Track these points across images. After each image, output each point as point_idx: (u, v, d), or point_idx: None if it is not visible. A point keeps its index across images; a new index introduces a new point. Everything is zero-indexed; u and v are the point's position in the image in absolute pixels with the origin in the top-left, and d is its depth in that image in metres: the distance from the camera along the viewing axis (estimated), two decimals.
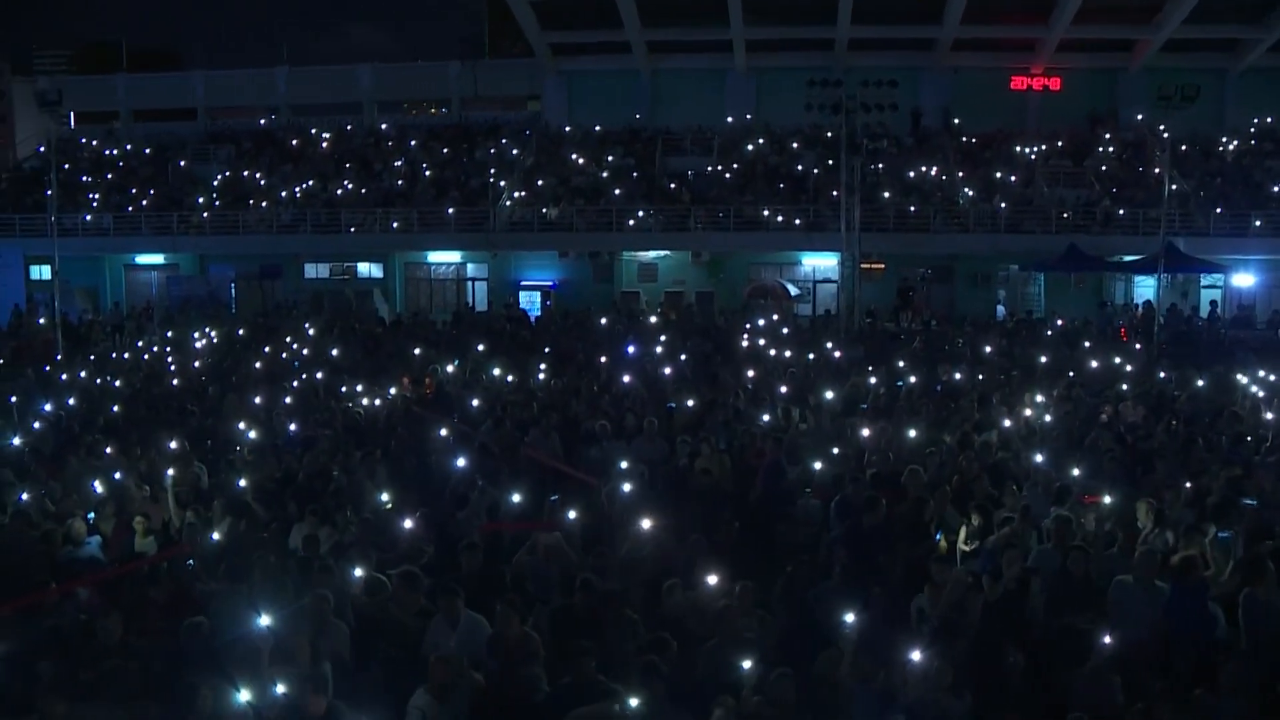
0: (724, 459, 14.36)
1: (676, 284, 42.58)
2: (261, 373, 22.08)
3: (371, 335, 28.83)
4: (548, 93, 50.64)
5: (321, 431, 16.07)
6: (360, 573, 9.79)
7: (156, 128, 53.76)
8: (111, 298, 45.32)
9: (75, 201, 45.73)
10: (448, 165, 46.82)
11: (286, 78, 53.51)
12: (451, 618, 8.84)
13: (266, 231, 43.25)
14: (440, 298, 44.17)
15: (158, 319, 35.53)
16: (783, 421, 16.61)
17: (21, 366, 24.83)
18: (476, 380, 20.77)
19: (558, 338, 27.79)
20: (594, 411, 17.24)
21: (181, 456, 14.12)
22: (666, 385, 19.78)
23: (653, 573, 10.13)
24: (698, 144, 46.75)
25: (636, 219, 41.55)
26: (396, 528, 11.29)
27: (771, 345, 25.01)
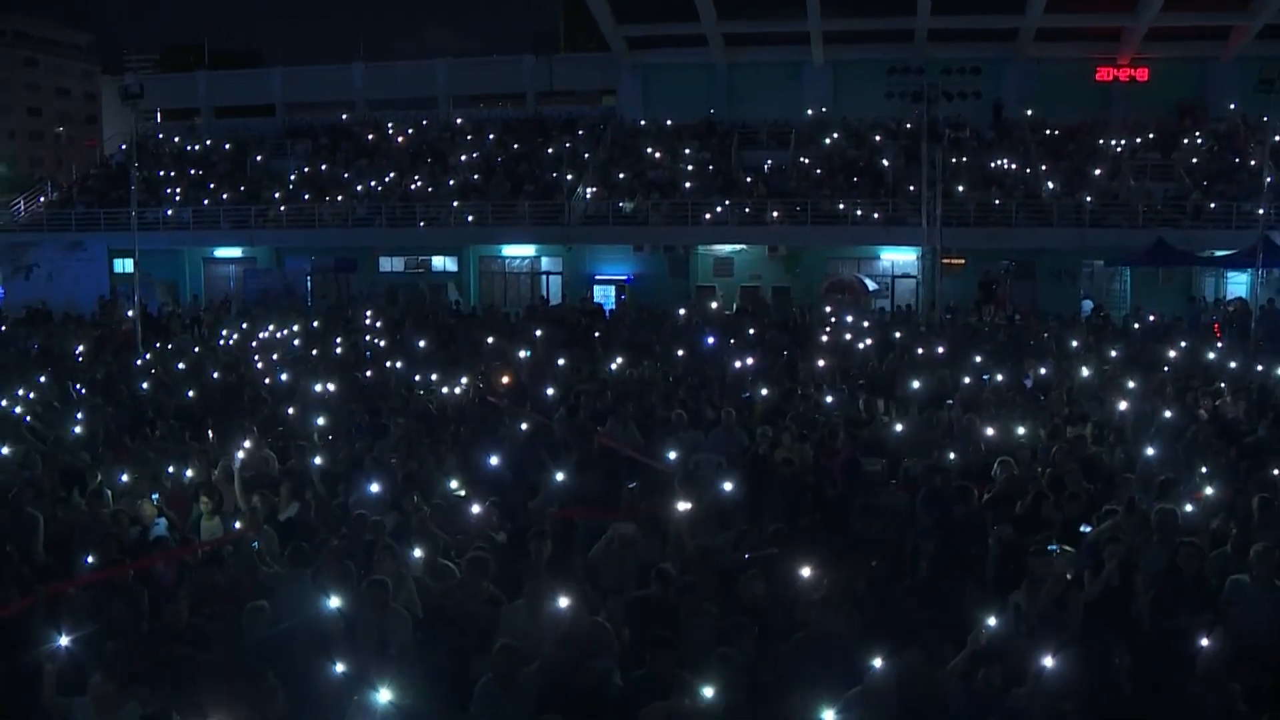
0: (804, 449, 13.92)
1: (752, 279, 42.04)
2: (334, 362, 22.02)
3: (445, 327, 28.72)
4: (623, 86, 50.36)
5: (393, 419, 15.87)
6: (423, 557, 9.49)
7: (236, 124, 54.55)
8: (190, 290, 45.95)
9: (157, 196, 46.50)
10: (522, 159, 46.74)
11: (363, 73, 53.85)
12: (531, 605, 8.52)
13: (342, 225, 43.53)
14: (514, 291, 44.03)
15: (235, 311, 35.79)
16: (864, 414, 16.11)
17: (103, 355, 25.14)
18: (550, 370, 20.51)
19: (633, 330, 27.45)
20: (670, 402, 16.89)
21: (251, 442, 13.99)
22: (744, 376, 19.36)
23: (731, 564, 9.72)
24: (774, 137, 46.21)
25: (712, 213, 41.08)
26: (466, 514, 11.01)
27: (850, 338, 24.47)
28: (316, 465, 13.01)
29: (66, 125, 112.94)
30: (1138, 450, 13.38)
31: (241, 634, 8.34)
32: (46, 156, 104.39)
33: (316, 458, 13.32)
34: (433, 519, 10.58)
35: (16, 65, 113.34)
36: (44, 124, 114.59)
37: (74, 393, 18.92)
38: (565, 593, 8.21)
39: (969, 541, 10.32)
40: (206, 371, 21.22)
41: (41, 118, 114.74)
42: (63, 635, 7.51)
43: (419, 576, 9.33)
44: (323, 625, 8.16)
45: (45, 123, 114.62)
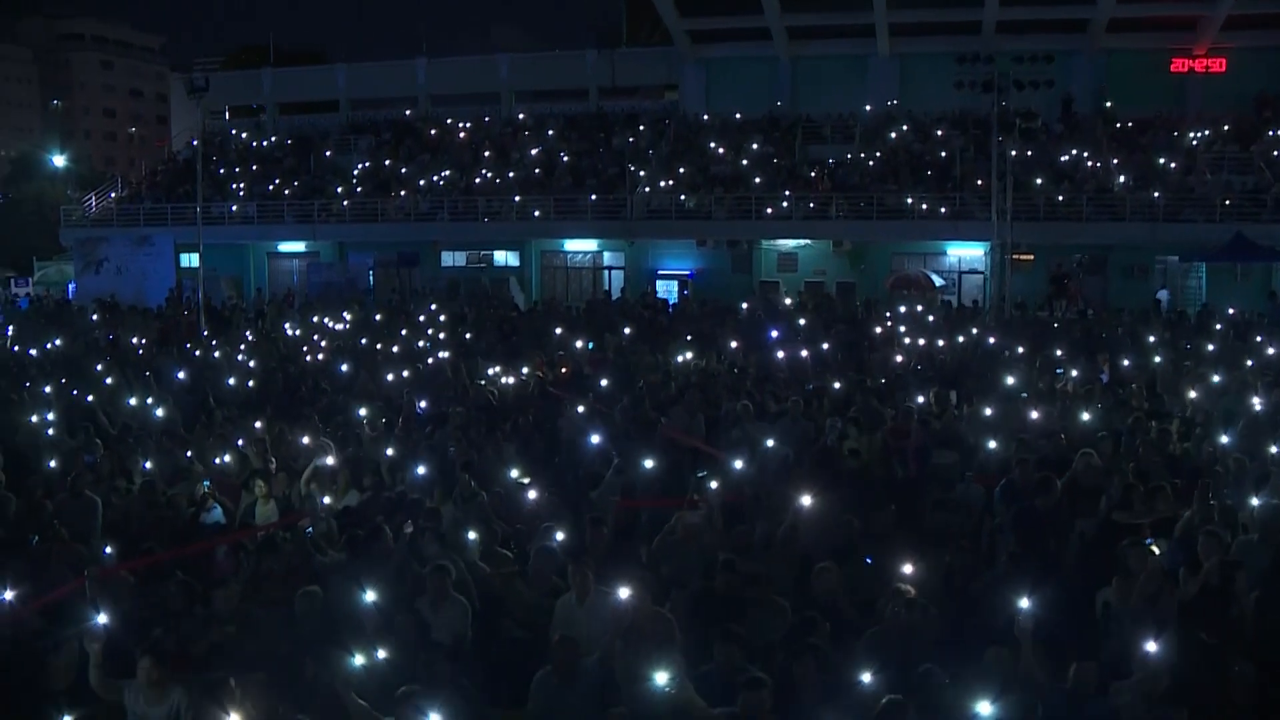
0: (873, 441, 13.49)
1: (817, 274, 41.52)
2: (395, 353, 21.90)
3: (506, 320, 28.56)
4: (686, 80, 49.97)
5: (453, 409, 15.65)
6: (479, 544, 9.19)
7: (301, 120, 54.94)
8: (255, 284, 46.33)
9: (223, 192, 46.94)
10: (585, 154, 46.54)
11: (426, 69, 53.97)
12: (581, 595, 8.19)
13: (405, 220, 43.62)
14: (576, 286, 43.85)
15: (298, 305, 35.94)
16: (936, 406, 15.60)
17: (167, 346, 25.27)
18: (612, 361, 20.22)
19: (696, 322, 27.10)
20: (734, 393, 16.53)
21: (309, 430, 13.83)
22: (809, 368, 18.95)
23: (802, 555, 9.33)
24: (839, 131, 45.62)
25: (776, 207, 40.59)
26: (525, 504, 10.73)
27: (919, 331, 23.95)
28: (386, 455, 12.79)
29: (138, 125, 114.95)
30: (1221, 444, 12.81)
31: (293, 621, 8.11)
32: (119, 156, 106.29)
33: (389, 449, 13.15)
34: (492, 507, 10.31)
35: (93, 68, 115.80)
36: (117, 125, 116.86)
37: (136, 381, 18.91)
38: (628, 583, 7.86)
39: (1051, 535, 9.85)
40: (267, 362, 21.21)
41: (115, 119, 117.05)
42: (101, 615, 7.30)
43: (476, 564, 9.04)
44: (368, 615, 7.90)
45: (119, 123, 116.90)
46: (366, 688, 6.88)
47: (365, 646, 7.10)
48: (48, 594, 8.47)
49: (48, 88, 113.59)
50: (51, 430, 14.65)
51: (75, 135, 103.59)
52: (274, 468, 12.37)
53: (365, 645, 7.13)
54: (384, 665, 7.12)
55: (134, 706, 7.06)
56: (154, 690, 6.97)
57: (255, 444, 13.46)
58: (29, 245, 59.25)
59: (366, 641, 7.23)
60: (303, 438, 13.60)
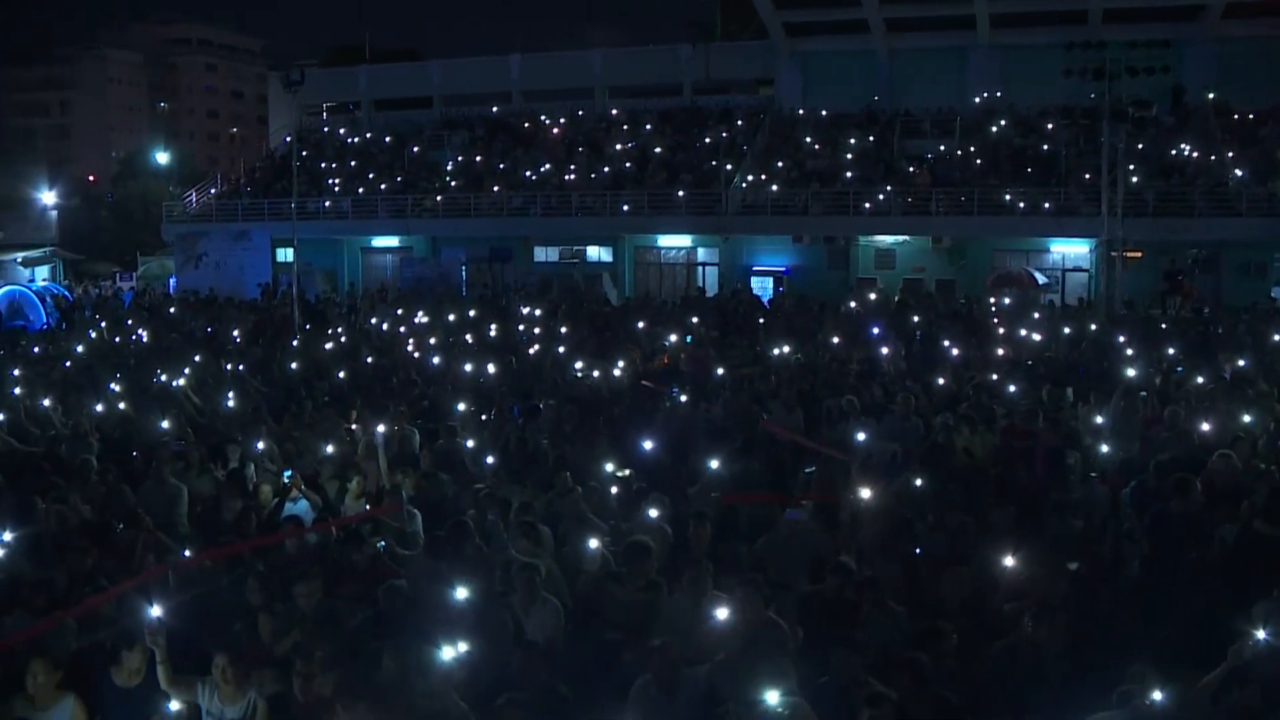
0: (986, 439, 12.77)
1: (915, 271, 40.50)
2: (487, 346, 21.63)
3: (600, 314, 28.20)
4: (781, 74, 49.18)
5: (546, 401, 15.26)
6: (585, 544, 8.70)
7: (395, 116, 55.22)
8: (348, 279, 46.63)
9: (319, 188, 47.37)
10: (679, 149, 46.03)
11: (519, 65, 53.88)
12: (695, 597, 7.63)
13: (497, 215, 43.54)
14: (670, 282, 43.32)
15: (390, 299, 35.99)
16: (1050, 404, 14.80)
17: (260, 339, 25.37)
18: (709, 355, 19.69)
19: (794, 316, 26.45)
20: (836, 388, 15.91)
21: (398, 421, 13.52)
22: (915, 363, 18.24)
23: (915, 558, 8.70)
24: (938, 125, 44.41)
25: (874, 203, 39.70)
26: (621, 499, 10.24)
27: (1025, 328, 23.04)
28: (468, 447, 12.42)
29: (239, 126, 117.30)
30: None
31: (378, 618, 7.70)
32: (221, 155, 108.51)
33: (469, 440, 12.77)
34: (587, 502, 9.83)
35: (198, 71, 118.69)
36: (219, 125, 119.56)
37: (229, 372, 18.86)
38: (739, 586, 7.30)
39: (1189, 542, 9.07)
40: (359, 354, 21.07)
41: (218, 119, 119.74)
42: (155, 608, 6.89)
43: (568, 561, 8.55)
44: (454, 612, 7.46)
45: (221, 124, 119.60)
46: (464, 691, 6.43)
47: (457, 646, 6.66)
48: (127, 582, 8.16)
49: (155, 90, 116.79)
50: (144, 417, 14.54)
51: (180, 136, 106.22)
52: (360, 457, 12.05)
53: (457, 645, 6.69)
54: (478, 667, 6.64)
55: (209, 706, 6.71)
56: (229, 689, 6.62)
57: (345, 435, 13.19)
58: (135, 241, 60.72)
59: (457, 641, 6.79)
60: (392, 429, 13.28)
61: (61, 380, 18.24)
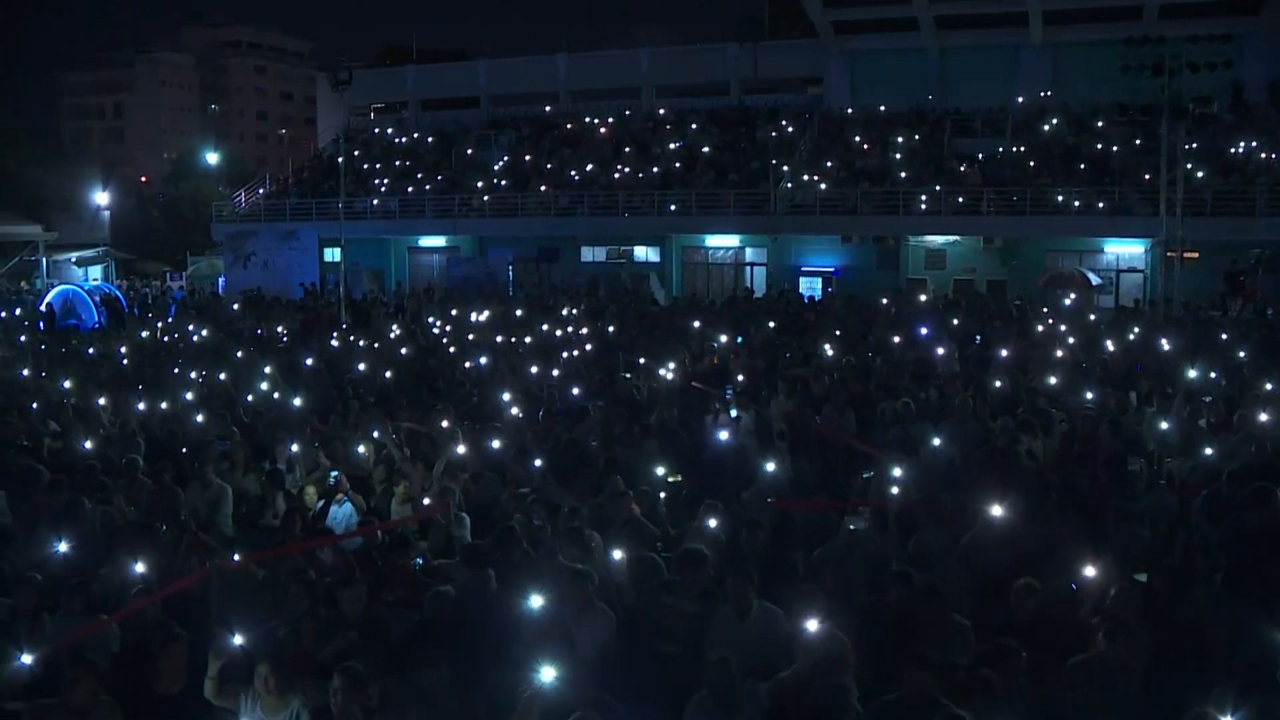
0: (1049, 444, 12.37)
1: (966, 272, 39.98)
2: (534, 346, 21.44)
3: (647, 314, 27.95)
4: (830, 73, 48.74)
5: (593, 403, 15.01)
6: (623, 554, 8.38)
7: (442, 116, 55.30)
8: (395, 278, 46.73)
9: (366, 187, 47.49)
10: (726, 148, 45.71)
11: (566, 64, 53.76)
12: (741, 608, 7.33)
13: (544, 215, 43.42)
14: (718, 283, 43.01)
15: (437, 299, 35.96)
16: (1114, 407, 14.37)
17: (306, 338, 25.33)
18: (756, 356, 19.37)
19: (843, 316, 26.05)
20: (889, 391, 15.54)
21: (445, 422, 13.31)
22: (970, 365, 17.83)
23: (986, 568, 8.34)
24: (989, 124, 43.81)
25: (924, 202, 39.19)
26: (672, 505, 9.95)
27: (1081, 329, 22.54)
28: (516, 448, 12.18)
29: (288, 127, 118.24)
30: None
31: (424, 626, 7.48)
32: (270, 156, 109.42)
33: (518, 442, 12.51)
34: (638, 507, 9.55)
35: (248, 73, 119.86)
36: (269, 127, 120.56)
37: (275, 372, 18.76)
38: (799, 598, 6.99)
39: (1270, 555, 8.65)
40: (404, 354, 20.94)
41: (267, 121, 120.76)
42: (237, 637, 6.72)
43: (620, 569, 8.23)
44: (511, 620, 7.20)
45: (270, 126, 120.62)
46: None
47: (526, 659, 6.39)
48: (170, 585, 7.99)
49: (206, 93, 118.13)
50: (189, 417, 14.44)
51: (230, 137, 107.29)
52: (404, 460, 11.84)
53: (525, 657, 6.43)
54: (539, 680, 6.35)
55: (250, 716, 6.50)
56: (272, 699, 6.42)
57: (390, 437, 12.98)
58: (185, 241, 61.28)
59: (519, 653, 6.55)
60: (438, 430, 13.10)
61: (111, 379, 18.24)
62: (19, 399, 16.35)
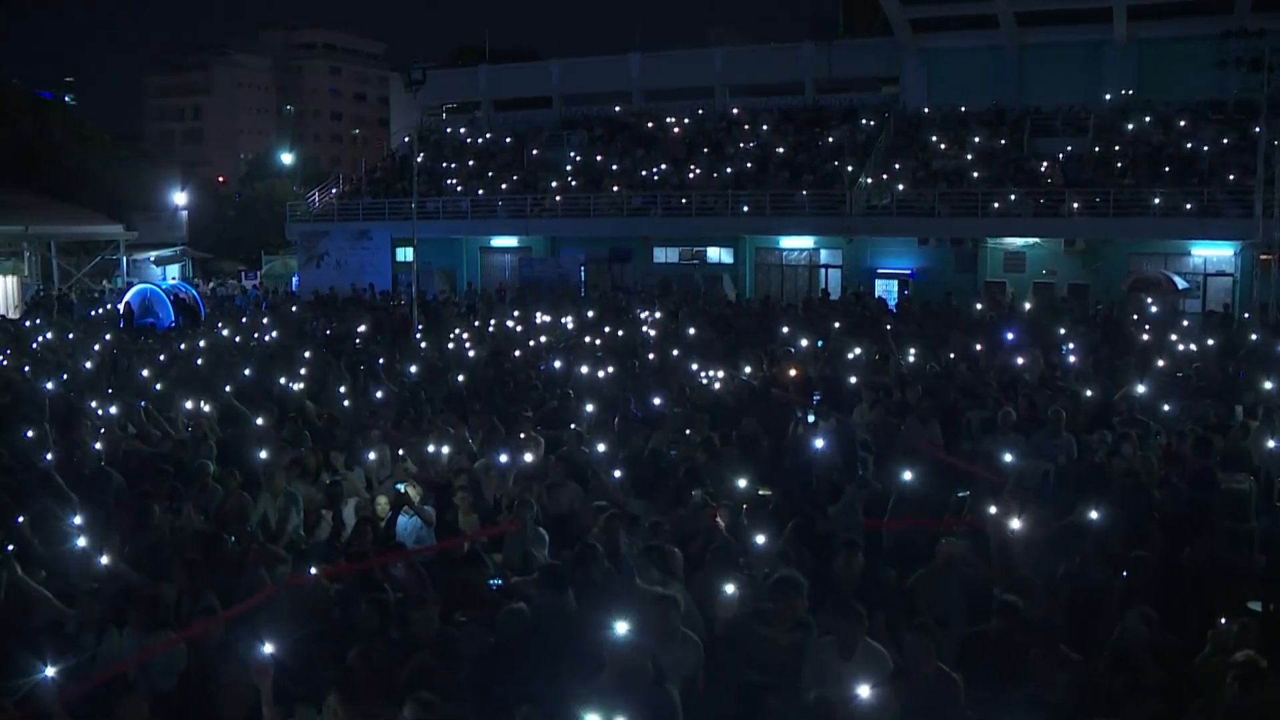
0: (1150, 459, 11.75)
1: (1046, 274, 39.05)
2: (608, 349, 21.08)
3: (722, 316, 27.52)
4: (906, 72, 47.84)
5: (671, 409, 14.60)
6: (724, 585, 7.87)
7: (514, 116, 55.24)
8: (467, 279, 46.73)
9: (438, 187, 47.53)
10: (801, 148, 45.12)
11: (639, 64, 53.43)
12: (846, 647, 6.85)
13: (617, 215, 43.11)
14: (791, 285, 42.44)
15: (509, 299, 35.81)
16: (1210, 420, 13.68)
17: (379, 338, 25.22)
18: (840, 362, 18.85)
19: (923, 321, 25.41)
20: (977, 399, 14.98)
21: (523, 430, 12.97)
22: (1059, 373, 17.17)
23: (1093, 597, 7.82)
24: (1070, 123, 42.75)
25: (1003, 204, 38.32)
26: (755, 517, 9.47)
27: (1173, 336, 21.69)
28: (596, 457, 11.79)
29: (362, 127, 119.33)
30: None
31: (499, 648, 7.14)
32: (343, 156, 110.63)
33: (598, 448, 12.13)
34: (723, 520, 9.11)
35: (322, 74, 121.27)
36: (342, 128, 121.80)
37: (349, 374, 18.59)
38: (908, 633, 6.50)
39: None
40: (477, 357, 20.69)
41: (340, 122, 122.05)
42: (268, 646, 6.37)
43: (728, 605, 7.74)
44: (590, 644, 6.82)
45: (344, 126, 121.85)
46: None
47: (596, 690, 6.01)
48: (238, 604, 7.69)
49: (282, 94, 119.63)
50: (260, 421, 14.23)
51: (305, 138, 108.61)
52: (478, 469, 11.51)
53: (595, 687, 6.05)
54: None
55: None
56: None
57: (463, 443, 12.69)
58: (260, 241, 61.98)
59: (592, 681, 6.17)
60: (512, 436, 12.77)
61: (184, 380, 18.14)
62: (97, 399, 16.26)
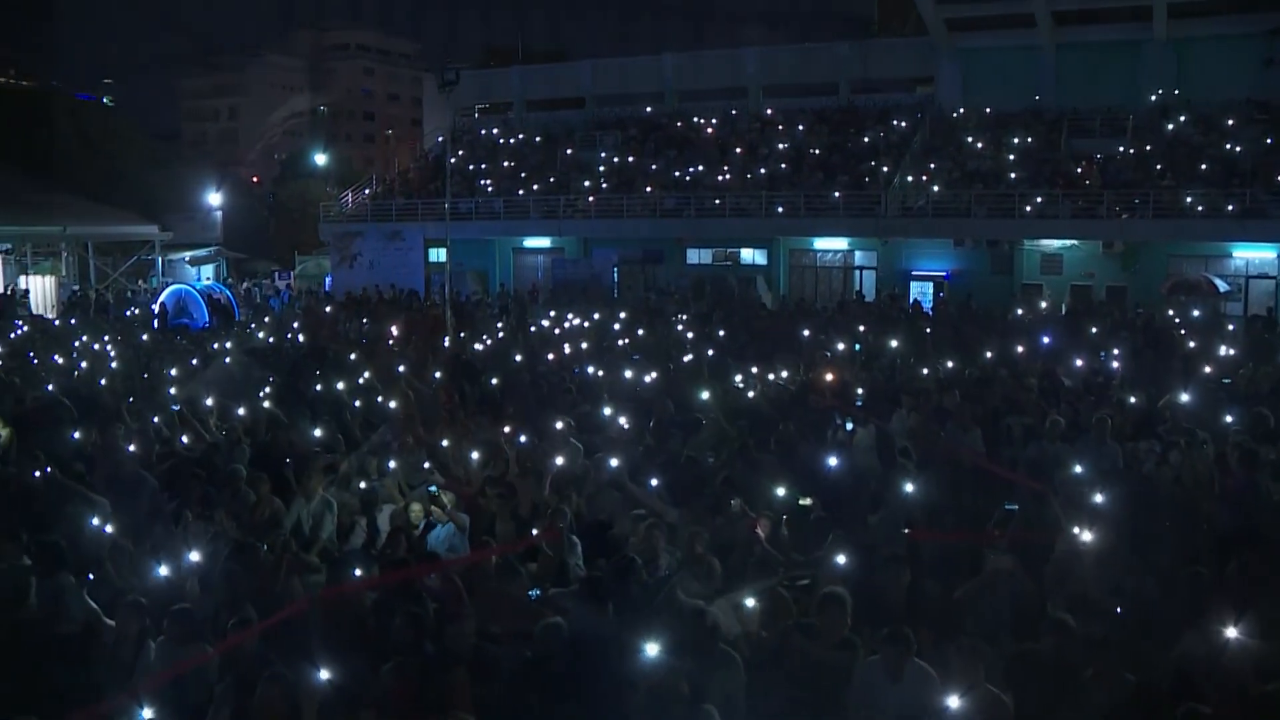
0: (1199, 470, 11.44)
1: (1084, 277, 38.61)
2: (639, 352, 20.90)
3: (756, 318, 27.30)
4: (942, 72, 47.40)
5: (707, 415, 14.38)
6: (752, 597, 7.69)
7: (547, 116, 55.14)
8: (499, 279, 46.67)
9: (471, 188, 47.49)
10: (835, 149, 44.80)
11: (672, 65, 53.21)
12: (894, 670, 6.64)
13: (650, 216, 42.91)
14: (825, 286, 42.16)
15: (541, 300, 35.71)
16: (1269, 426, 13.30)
17: (412, 339, 25.11)
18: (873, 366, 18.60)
19: (959, 325, 25.10)
20: (1017, 406, 14.69)
21: (560, 434, 12.79)
22: (1102, 379, 16.84)
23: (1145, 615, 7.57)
24: (1109, 124, 42.20)
25: (1040, 205, 37.89)
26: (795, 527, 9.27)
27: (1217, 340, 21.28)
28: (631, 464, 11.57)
29: (395, 128, 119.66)
30: None
31: (536, 663, 6.97)
32: (377, 157, 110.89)
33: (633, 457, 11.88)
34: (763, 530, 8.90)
35: (355, 75, 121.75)
36: (375, 128, 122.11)
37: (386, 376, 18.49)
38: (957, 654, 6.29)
39: None
40: (510, 359, 20.54)
41: (374, 122, 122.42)
42: (324, 671, 6.23)
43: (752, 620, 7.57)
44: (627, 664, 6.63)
45: (377, 126, 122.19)
46: None
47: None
48: (271, 617, 7.54)
49: (316, 94, 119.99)
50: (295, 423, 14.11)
51: (338, 138, 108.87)
52: (514, 475, 11.33)
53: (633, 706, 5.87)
54: None
55: None
56: None
57: (496, 448, 12.52)
58: (293, 241, 62.19)
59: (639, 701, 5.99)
60: (547, 441, 12.60)
61: (218, 382, 18.06)
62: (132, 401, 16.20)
